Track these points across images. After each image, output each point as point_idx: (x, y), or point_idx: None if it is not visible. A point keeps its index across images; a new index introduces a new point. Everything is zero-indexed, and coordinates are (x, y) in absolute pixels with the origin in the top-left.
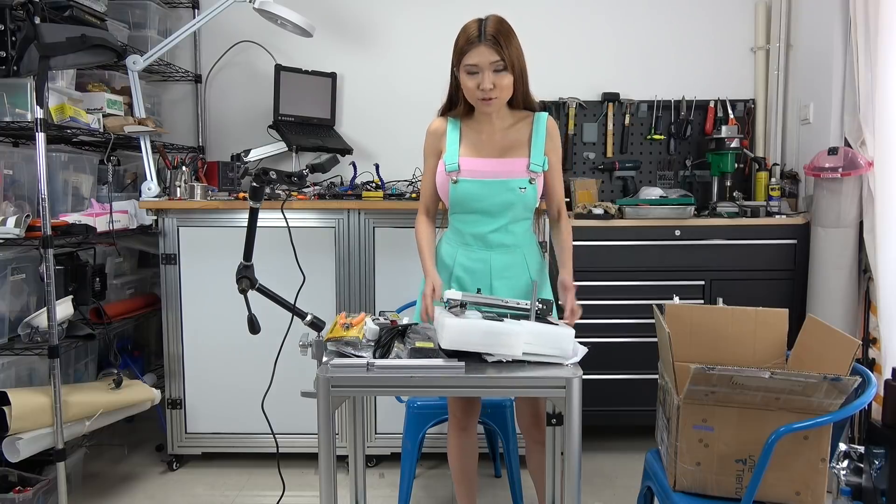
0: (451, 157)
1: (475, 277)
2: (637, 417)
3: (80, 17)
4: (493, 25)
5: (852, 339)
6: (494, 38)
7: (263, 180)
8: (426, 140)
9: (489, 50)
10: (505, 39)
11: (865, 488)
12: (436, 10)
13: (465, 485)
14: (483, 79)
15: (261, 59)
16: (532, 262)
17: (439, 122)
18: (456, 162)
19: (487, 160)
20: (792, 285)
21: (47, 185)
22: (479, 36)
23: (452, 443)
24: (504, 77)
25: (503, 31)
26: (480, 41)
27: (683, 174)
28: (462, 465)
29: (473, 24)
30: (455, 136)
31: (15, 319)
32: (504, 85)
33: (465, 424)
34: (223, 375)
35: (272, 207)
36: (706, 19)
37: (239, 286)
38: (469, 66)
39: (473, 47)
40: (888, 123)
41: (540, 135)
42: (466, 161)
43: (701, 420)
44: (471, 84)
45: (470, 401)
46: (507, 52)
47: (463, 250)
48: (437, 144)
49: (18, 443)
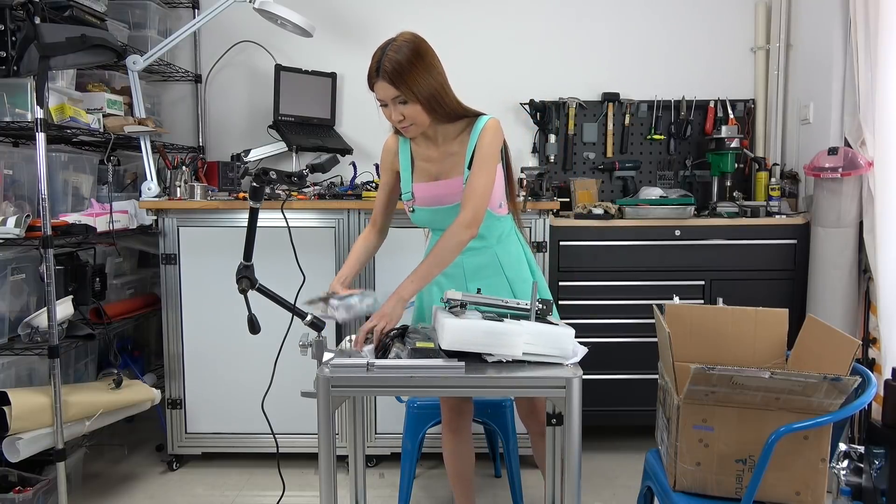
0: (405, 185)
1: (452, 280)
2: (637, 417)
3: (80, 17)
4: (391, 59)
5: (852, 339)
6: (388, 73)
7: (263, 180)
8: (381, 155)
9: (385, 84)
10: (400, 74)
11: (865, 488)
12: (436, 10)
13: (462, 487)
14: (393, 112)
15: (261, 59)
16: (505, 260)
17: (392, 140)
18: (410, 191)
19: (432, 184)
20: (792, 285)
21: (47, 185)
22: (377, 70)
23: (446, 445)
24: (410, 108)
25: (401, 60)
26: (378, 75)
27: (683, 174)
28: (456, 467)
29: (377, 52)
30: (406, 159)
31: (15, 319)
32: (413, 114)
33: (457, 426)
34: (223, 375)
35: (272, 207)
36: (706, 19)
37: (239, 286)
38: (377, 99)
39: (375, 82)
40: (888, 123)
41: (472, 145)
42: (418, 188)
43: (701, 420)
44: (384, 114)
45: (460, 402)
46: (406, 86)
47: None
48: (391, 163)
49: (18, 443)
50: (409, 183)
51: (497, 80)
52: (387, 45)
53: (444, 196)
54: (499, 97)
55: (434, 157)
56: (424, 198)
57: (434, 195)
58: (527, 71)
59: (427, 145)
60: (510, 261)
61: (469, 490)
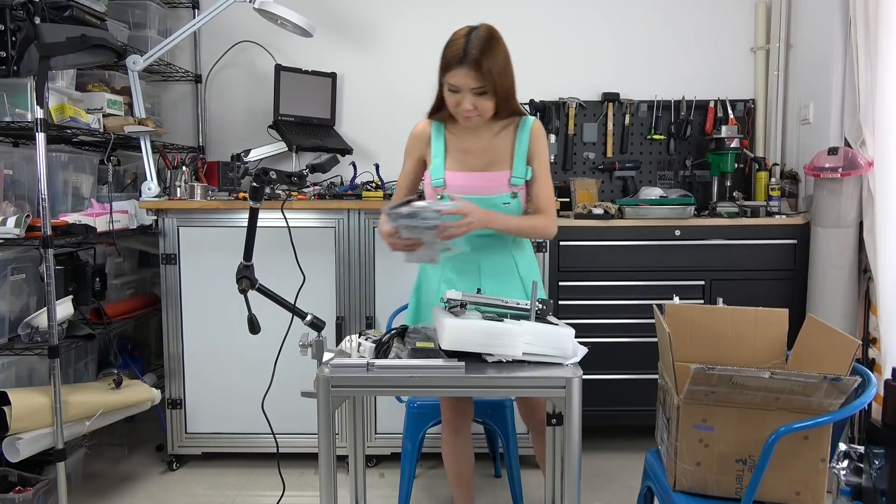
0: (436, 171)
1: (465, 278)
2: (637, 417)
3: (80, 17)
4: (479, 46)
5: (852, 339)
6: (477, 63)
7: (263, 180)
8: (409, 141)
9: (471, 73)
10: (489, 63)
11: (865, 488)
12: (436, 10)
13: (462, 488)
14: (463, 100)
15: (261, 59)
16: (521, 263)
17: (424, 126)
18: (442, 178)
19: (472, 174)
20: (792, 285)
21: (47, 185)
22: (463, 57)
23: (446, 446)
24: (485, 100)
25: (489, 52)
26: (463, 63)
27: (683, 174)
28: (457, 467)
29: (460, 39)
30: (440, 146)
31: (15, 319)
32: (484, 107)
33: (457, 427)
34: (223, 375)
35: (272, 207)
36: (706, 19)
37: (239, 286)
38: (450, 84)
39: (456, 68)
40: (888, 123)
41: (523, 144)
42: (452, 176)
43: (701, 420)
44: (451, 101)
45: (461, 403)
46: (490, 78)
47: None
48: (421, 149)
49: (18, 443)
50: (441, 170)
51: None
52: (469, 32)
53: (487, 188)
54: None
55: (474, 149)
56: (460, 187)
57: (475, 185)
58: (527, 71)
59: (470, 137)
60: (525, 262)
61: (469, 491)
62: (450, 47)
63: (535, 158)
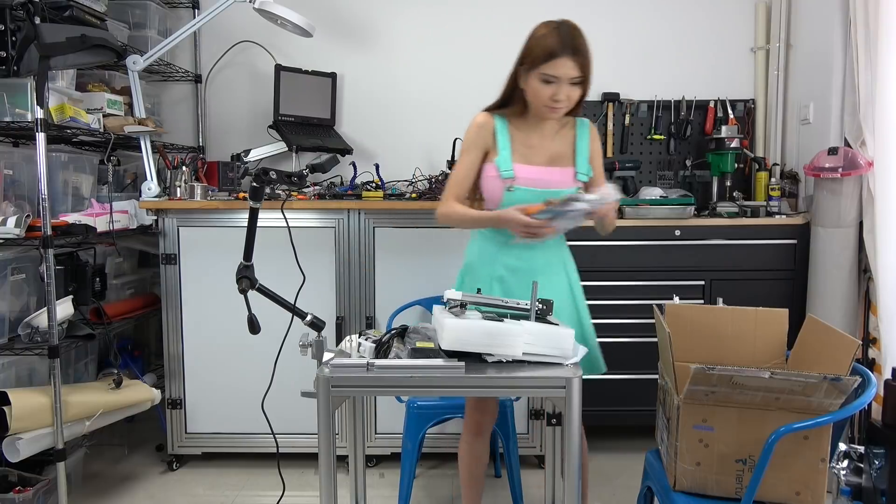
0: (505, 163)
1: (518, 276)
2: (637, 417)
3: (80, 17)
4: (578, 39)
5: (852, 339)
6: (579, 52)
7: (263, 180)
8: (472, 132)
9: (573, 64)
10: (585, 52)
11: (865, 488)
12: (436, 10)
13: (473, 488)
14: (560, 91)
15: (261, 59)
16: (568, 261)
17: (487, 118)
18: (511, 169)
19: (539, 168)
20: (792, 285)
21: (47, 185)
22: (566, 47)
23: (466, 447)
24: (576, 91)
25: (584, 42)
26: (566, 53)
27: (683, 174)
28: (473, 469)
29: (555, 31)
30: (506, 139)
31: (15, 319)
32: (575, 98)
33: (481, 429)
34: (223, 375)
35: (272, 207)
36: (706, 19)
37: (239, 286)
38: (549, 75)
39: (557, 58)
40: (888, 123)
41: (584, 142)
42: (521, 168)
43: (701, 420)
44: (545, 92)
45: (488, 404)
46: (587, 68)
47: (505, 249)
48: (486, 140)
49: (18, 443)
50: (509, 162)
51: (497, 80)
52: (566, 24)
53: (554, 182)
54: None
55: (537, 145)
56: (530, 179)
57: (543, 179)
58: None
59: (534, 133)
60: (569, 260)
61: (479, 491)
62: (546, 39)
63: (595, 158)
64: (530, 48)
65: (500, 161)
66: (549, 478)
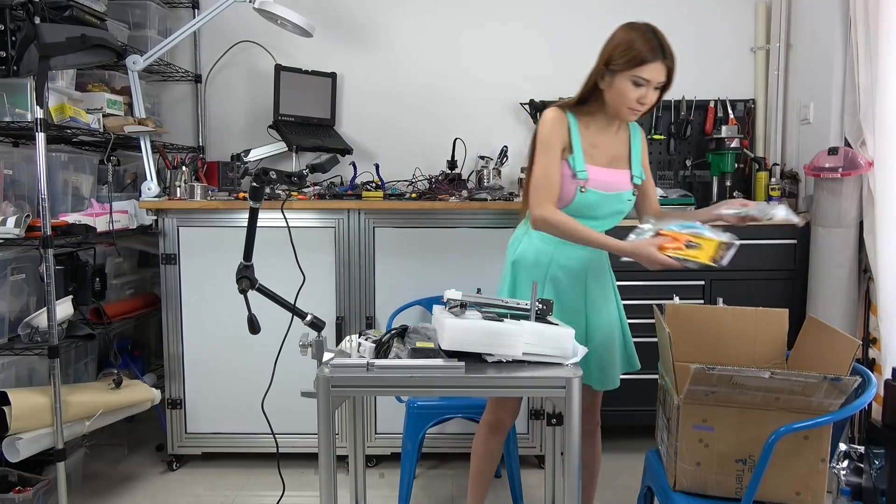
0: (580, 163)
1: (570, 276)
2: (637, 417)
3: (80, 17)
4: (668, 44)
5: (852, 339)
6: (671, 58)
7: (263, 180)
8: (554, 128)
9: (664, 70)
10: (674, 61)
11: (865, 488)
12: (436, 10)
13: (481, 484)
14: (647, 94)
15: (261, 59)
16: (608, 261)
17: (561, 114)
18: (585, 170)
19: (604, 169)
20: (792, 285)
21: (47, 185)
22: (660, 52)
23: (483, 443)
24: (657, 95)
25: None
26: (659, 58)
27: (683, 174)
28: (485, 466)
29: (649, 35)
30: (577, 138)
31: (15, 319)
32: (654, 102)
33: (503, 427)
34: (223, 375)
35: (272, 207)
36: (706, 19)
37: (239, 286)
38: (640, 78)
39: (652, 63)
40: (888, 123)
41: (637, 144)
42: (592, 170)
43: (701, 420)
44: (633, 94)
45: (512, 403)
46: (673, 74)
47: (560, 249)
48: (563, 137)
49: (18, 443)
50: (583, 162)
51: (497, 80)
52: (654, 28)
53: (616, 183)
54: (499, 97)
55: (600, 146)
56: (598, 181)
57: (608, 181)
58: (527, 71)
59: (600, 134)
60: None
61: (486, 488)
62: (640, 42)
63: (646, 161)
64: (622, 50)
65: (574, 160)
66: (549, 478)
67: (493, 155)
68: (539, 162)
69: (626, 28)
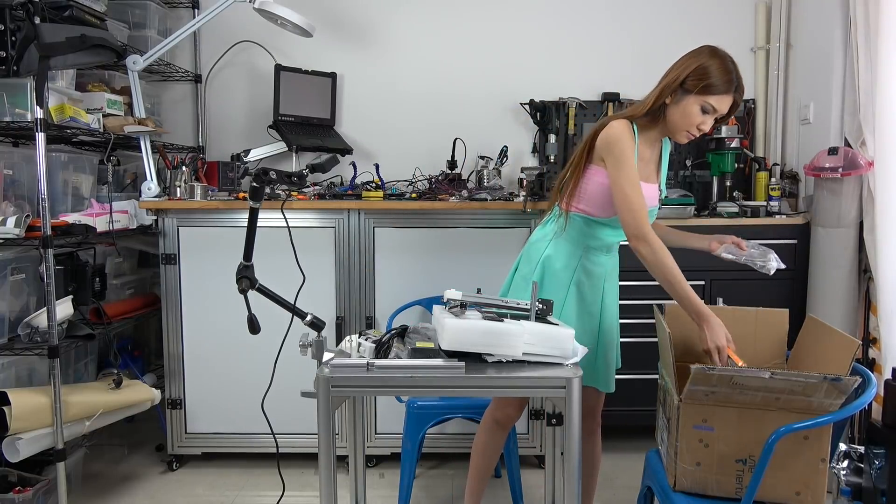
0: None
1: (592, 280)
2: (637, 417)
3: (80, 17)
4: (742, 80)
5: (852, 339)
6: (741, 95)
7: (263, 180)
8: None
9: (730, 102)
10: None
11: (865, 488)
12: (435, 10)
13: (482, 482)
14: (705, 121)
15: (261, 59)
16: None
17: (629, 127)
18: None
19: (645, 185)
20: (792, 285)
21: (47, 185)
22: (736, 87)
23: (488, 438)
24: (713, 125)
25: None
26: (732, 91)
27: (683, 174)
28: (489, 462)
29: (730, 66)
30: (636, 153)
31: (15, 319)
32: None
33: (510, 423)
34: (223, 375)
35: (272, 207)
36: (706, 19)
37: (239, 286)
38: (709, 105)
39: (725, 93)
40: (888, 123)
41: (666, 160)
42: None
43: (701, 420)
44: (697, 119)
45: (521, 400)
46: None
47: (586, 254)
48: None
49: (18, 443)
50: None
51: (497, 80)
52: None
53: (650, 199)
54: (499, 97)
55: (644, 158)
56: (649, 198)
57: (648, 196)
58: (527, 71)
59: (648, 148)
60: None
61: (485, 484)
62: (720, 71)
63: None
64: (701, 75)
65: None
66: (549, 478)
67: (493, 155)
68: (626, 179)
69: (710, 53)
